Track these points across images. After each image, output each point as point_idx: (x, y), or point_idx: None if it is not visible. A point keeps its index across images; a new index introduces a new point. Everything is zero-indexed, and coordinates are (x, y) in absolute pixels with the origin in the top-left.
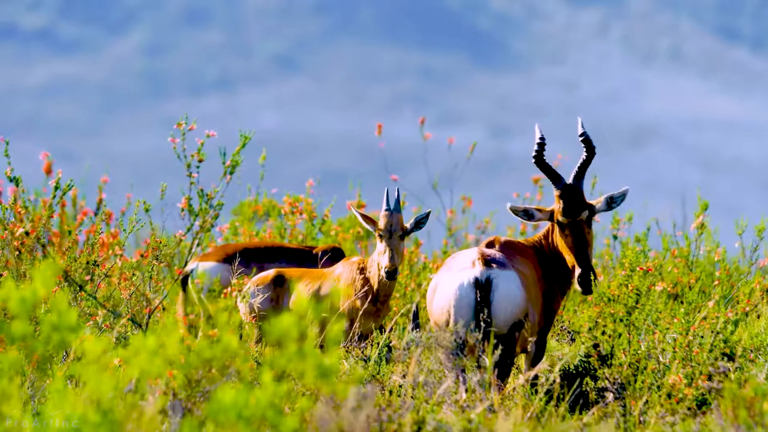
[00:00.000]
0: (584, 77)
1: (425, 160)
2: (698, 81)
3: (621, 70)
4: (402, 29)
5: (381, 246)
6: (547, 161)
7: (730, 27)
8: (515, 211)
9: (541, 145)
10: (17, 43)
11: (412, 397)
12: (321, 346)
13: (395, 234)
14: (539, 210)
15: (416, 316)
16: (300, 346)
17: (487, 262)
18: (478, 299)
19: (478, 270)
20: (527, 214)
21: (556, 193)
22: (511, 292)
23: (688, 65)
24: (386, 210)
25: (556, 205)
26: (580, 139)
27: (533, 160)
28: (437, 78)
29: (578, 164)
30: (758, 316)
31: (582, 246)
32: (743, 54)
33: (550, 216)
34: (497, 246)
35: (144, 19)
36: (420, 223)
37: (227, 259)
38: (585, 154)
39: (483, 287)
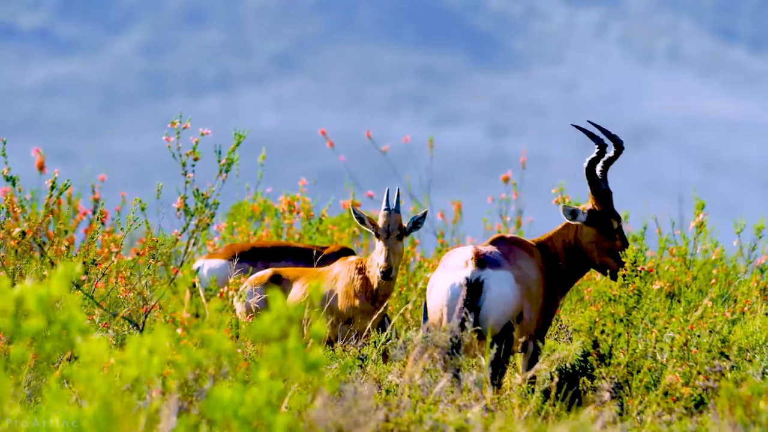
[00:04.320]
0: (583, 77)
1: (418, 162)
2: (697, 81)
3: (620, 70)
4: (402, 29)
5: (379, 245)
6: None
7: (729, 27)
8: (567, 211)
9: (602, 153)
10: (16, 43)
11: (408, 396)
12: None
13: (392, 234)
14: (582, 211)
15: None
16: (284, 345)
17: (480, 261)
18: (468, 300)
19: (469, 270)
20: (573, 214)
21: (594, 197)
22: (503, 293)
23: (687, 65)
24: (385, 210)
25: (594, 208)
26: (612, 141)
27: (586, 166)
28: (437, 78)
29: (603, 166)
30: (753, 316)
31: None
32: (742, 54)
33: (589, 218)
34: (500, 243)
35: (143, 18)
36: (417, 223)
37: (235, 258)
38: (613, 152)
39: (474, 288)
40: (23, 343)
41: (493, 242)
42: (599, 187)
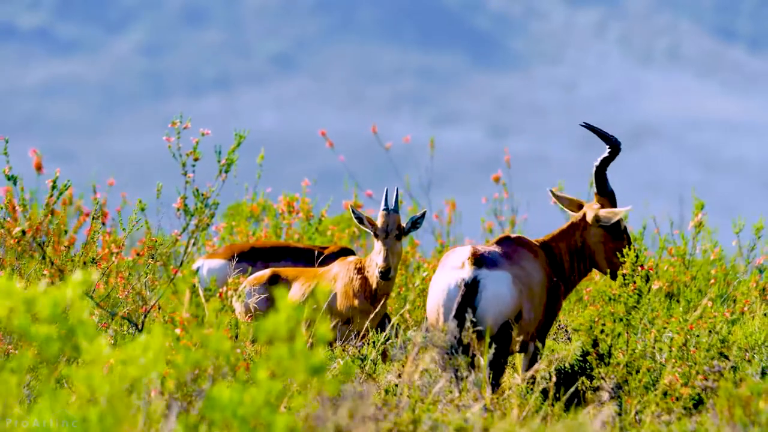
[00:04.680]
0: (583, 77)
1: (417, 162)
2: (697, 81)
3: (620, 70)
4: (402, 29)
5: (378, 245)
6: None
7: (728, 27)
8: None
9: (613, 152)
10: (16, 43)
11: (407, 397)
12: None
13: (391, 234)
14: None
15: None
16: (291, 346)
17: (477, 261)
18: (464, 300)
19: (466, 271)
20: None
21: (602, 197)
22: (499, 293)
23: (687, 65)
24: (384, 209)
25: (600, 208)
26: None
27: (598, 165)
28: (437, 78)
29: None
30: (752, 316)
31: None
32: (741, 54)
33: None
34: (504, 243)
35: (143, 18)
36: (416, 223)
37: (234, 258)
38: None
39: (469, 288)
40: (28, 346)
41: (498, 242)
42: (607, 187)
